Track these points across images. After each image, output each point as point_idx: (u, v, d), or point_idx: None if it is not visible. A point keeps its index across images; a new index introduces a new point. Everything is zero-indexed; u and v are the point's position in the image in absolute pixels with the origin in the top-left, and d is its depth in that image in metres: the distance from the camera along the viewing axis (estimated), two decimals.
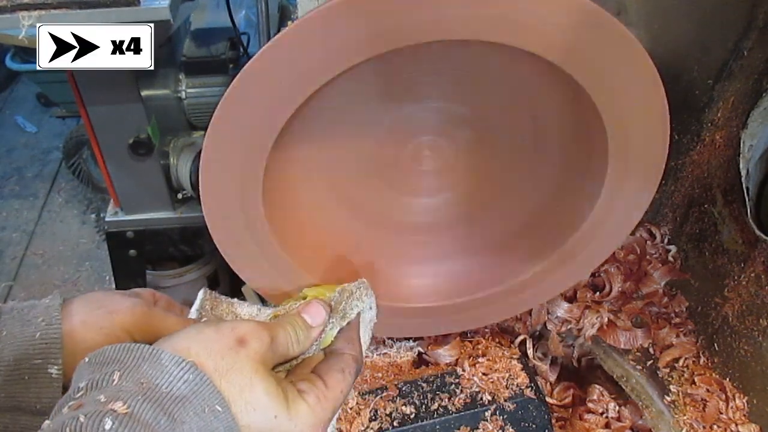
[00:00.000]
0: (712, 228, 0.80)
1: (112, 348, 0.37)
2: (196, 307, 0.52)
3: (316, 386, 0.43)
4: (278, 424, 0.39)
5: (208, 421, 0.35)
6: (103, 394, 0.34)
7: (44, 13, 0.78)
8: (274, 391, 0.40)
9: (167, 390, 0.35)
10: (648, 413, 0.74)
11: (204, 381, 0.36)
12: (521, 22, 0.48)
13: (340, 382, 0.45)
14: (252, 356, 0.40)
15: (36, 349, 0.44)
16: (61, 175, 2.51)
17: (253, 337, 0.41)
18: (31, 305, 0.47)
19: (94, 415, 0.32)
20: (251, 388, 0.39)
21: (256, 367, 0.40)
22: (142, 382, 0.35)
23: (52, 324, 0.45)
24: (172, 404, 0.35)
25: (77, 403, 0.33)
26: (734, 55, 0.72)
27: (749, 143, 0.66)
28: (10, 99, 3.01)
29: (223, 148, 0.53)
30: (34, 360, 0.44)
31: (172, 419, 0.34)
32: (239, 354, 0.39)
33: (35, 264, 2.12)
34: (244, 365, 0.39)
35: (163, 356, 0.36)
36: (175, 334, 0.40)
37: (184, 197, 1.28)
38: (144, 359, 0.36)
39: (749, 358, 0.72)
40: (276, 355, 0.43)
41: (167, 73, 1.21)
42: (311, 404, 0.41)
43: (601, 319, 0.81)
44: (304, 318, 0.48)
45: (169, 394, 0.35)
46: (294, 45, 0.47)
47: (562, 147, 0.66)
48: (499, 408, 0.70)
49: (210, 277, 1.49)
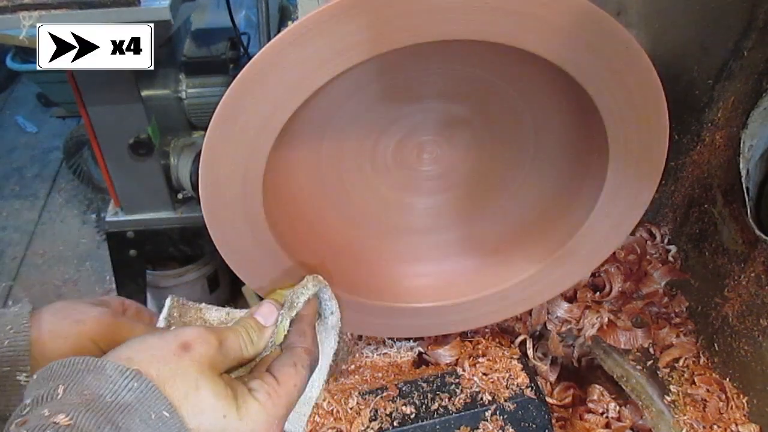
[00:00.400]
0: (712, 228, 0.80)
1: (57, 363, 0.37)
2: (163, 315, 0.51)
3: (266, 383, 0.43)
4: (228, 424, 0.39)
5: (156, 428, 0.36)
6: (47, 409, 0.34)
7: (44, 13, 0.78)
8: (222, 392, 0.40)
9: (111, 399, 0.35)
10: (648, 413, 0.74)
11: (149, 387, 0.36)
12: (521, 22, 0.48)
13: (292, 377, 0.45)
14: (197, 359, 0.40)
15: (4, 357, 0.44)
16: (61, 175, 2.51)
17: (198, 342, 0.41)
18: (1, 313, 0.47)
19: (36, 429, 0.32)
20: (196, 391, 0.39)
21: (201, 369, 0.40)
22: (85, 393, 0.35)
23: (20, 332, 0.46)
24: (117, 413, 0.35)
25: (22, 420, 0.34)
26: (734, 55, 0.72)
27: (749, 143, 0.66)
28: (11, 99, 3.01)
29: (223, 148, 0.53)
30: (2, 368, 0.44)
31: (116, 428, 0.34)
32: (182, 359, 0.40)
33: (35, 264, 2.12)
34: (187, 369, 0.39)
35: (108, 366, 0.37)
36: (120, 346, 0.40)
37: (184, 197, 1.28)
38: (88, 371, 0.37)
39: (749, 358, 0.72)
40: (227, 359, 0.44)
41: (167, 73, 1.21)
42: (262, 401, 0.41)
43: (601, 319, 0.81)
44: (256, 319, 0.48)
45: (114, 404, 0.35)
46: (294, 45, 0.47)
47: (562, 147, 0.66)
48: (499, 408, 0.70)
49: (210, 277, 1.49)
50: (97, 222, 2.27)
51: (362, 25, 0.47)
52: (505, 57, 0.55)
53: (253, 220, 0.59)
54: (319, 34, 0.47)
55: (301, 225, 0.68)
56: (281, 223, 0.62)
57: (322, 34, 0.47)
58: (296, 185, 0.66)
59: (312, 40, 0.47)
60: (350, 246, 0.72)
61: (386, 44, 0.48)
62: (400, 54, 0.49)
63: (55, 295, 1.99)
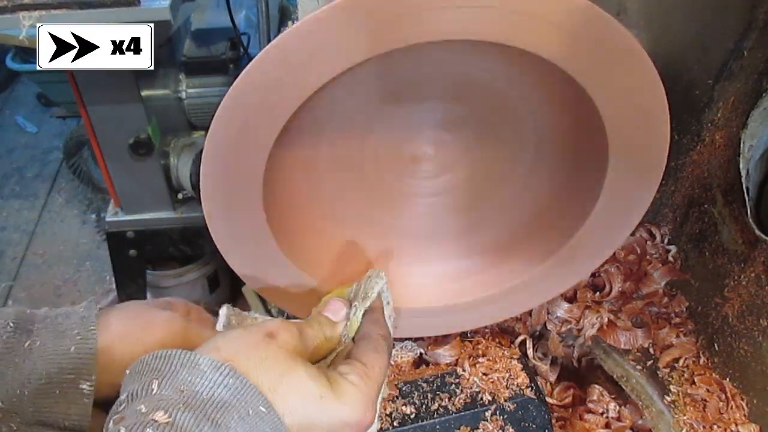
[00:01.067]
0: (712, 228, 0.80)
1: (150, 356, 0.37)
2: (222, 323, 0.52)
3: (355, 366, 0.42)
4: (326, 406, 0.39)
5: (254, 424, 0.35)
6: (143, 405, 0.33)
7: (44, 13, 0.78)
8: (315, 373, 0.39)
9: (207, 396, 0.35)
10: (648, 413, 0.74)
11: (245, 384, 0.36)
12: (521, 22, 0.48)
13: (378, 360, 0.44)
14: (284, 346, 0.40)
15: (69, 363, 0.43)
16: (61, 175, 2.51)
17: (282, 330, 0.41)
18: (66, 314, 0.46)
19: (135, 427, 0.31)
20: (291, 373, 0.38)
21: (290, 355, 0.40)
22: (181, 389, 0.35)
23: (88, 338, 0.44)
24: (214, 410, 0.34)
25: (119, 417, 0.33)
26: (734, 55, 0.72)
27: (749, 143, 0.66)
28: (11, 99, 3.01)
29: (223, 148, 0.53)
30: (66, 375, 0.43)
31: (216, 425, 0.33)
32: (270, 345, 0.39)
33: (35, 264, 2.12)
34: (277, 354, 0.39)
35: (201, 361, 0.36)
36: (205, 343, 0.40)
37: (184, 197, 1.28)
38: (182, 365, 0.36)
39: (749, 358, 0.72)
40: (307, 349, 0.43)
41: (167, 73, 1.21)
42: (356, 383, 0.41)
43: (601, 319, 0.81)
44: (326, 315, 0.49)
45: (210, 400, 0.34)
46: (295, 45, 0.47)
47: (562, 147, 0.66)
48: (499, 408, 0.70)
49: (210, 277, 1.49)
50: (97, 222, 2.27)
51: (362, 24, 0.47)
52: (505, 57, 0.55)
53: (252, 221, 0.59)
54: (319, 35, 0.47)
55: (301, 225, 0.68)
56: (281, 223, 0.62)
57: (322, 35, 0.47)
58: (296, 185, 0.66)
59: (312, 40, 0.47)
60: (349, 246, 0.72)
61: (386, 44, 0.48)
62: (399, 54, 0.49)
63: (55, 295, 2.00)
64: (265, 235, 0.61)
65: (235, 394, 0.35)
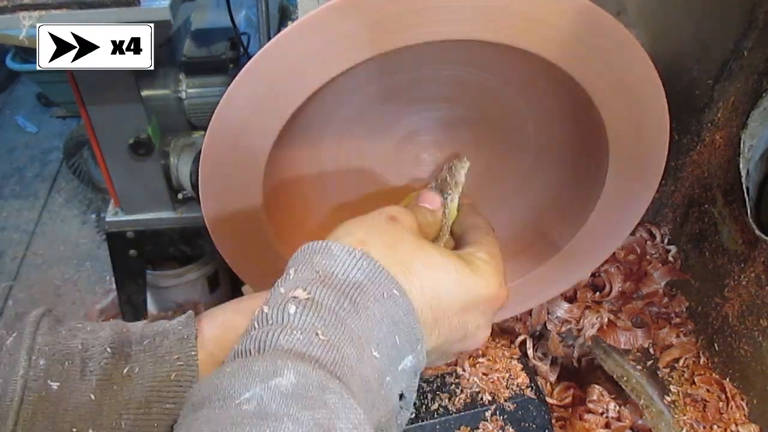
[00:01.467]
0: (712, 228, 0.80)
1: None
2: None
3: (479, 246, 0.42)
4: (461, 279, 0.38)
5: (388, 306, 0.35)
6: (282, 287, 0.35)
7: (44, 13, 0.78)
8: (445, 251, 0.39)
9: (343, 278, 0.35)
10: (648, 413, 0.74)
11: (377, 267, 0.36)
12: (521, 22, 0.48)
13: (495, 243, 0.45)
14: (408, 228, 0.40)
15: (170, 392, 0.40)
16: (61, 175, 2.51)
17: (402, 214, 0.41)
18: (163, 333, 0.43)
19: (277, 305, 0.33)
20: (422, 251, 0.38)
21: (416, 234, 0.40)
22: (317, 270, 0.35)
23: (190, 364, 0.41)
24: (352, 289, 0.34)
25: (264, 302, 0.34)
26: (734, 55, 0.72)
27: (749, 143, 0.66)
28: (10, 99, 3.01)
29: (223, 148, 0.53)
30: (167, 404, 0.40)
31: (354, 304, 0.34)
32: (396, 227, 0.40)
33: (35, 264, 2.12)
34: (405, 234, 0.39)
35: (333, 247, 0.36)
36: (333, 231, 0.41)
37: (184, 197, 1.28)
38: (315, 252, 0.37)
39: (749, 358, 0.72)
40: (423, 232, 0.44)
41: (167, 73, 1.21)
42: (485, 259, 0.41)
43: (601, 319, 0.81)
44: (424, 205, 0.49)
45: (346, 281, 0.35)
46: (294, 45, 0.47)
47: (562, 147, 0.66)
48: (499, 408, 0.70)
49: (210, 277, 1.49)
50: (97, 222, 2.27)
51: (362, 24, 0.47)
52: (504, 57, 0.54)
53: (253, 220, 0.59)
54: (319, 34, 0.47)
55: (302, 225, 0.68)
56: (281, 222, 0.62)
57: (322, 34, 0.47)
58: (296, 185, 0.66)
59: (312, 40, 0.47)
60: None
61: (386, 44, 0.48)
62: (400, 54, 0.49)
63: (55, 295, 1.99)
64: (265, 235, 0.61)
65: (370, 277, 0.35)
